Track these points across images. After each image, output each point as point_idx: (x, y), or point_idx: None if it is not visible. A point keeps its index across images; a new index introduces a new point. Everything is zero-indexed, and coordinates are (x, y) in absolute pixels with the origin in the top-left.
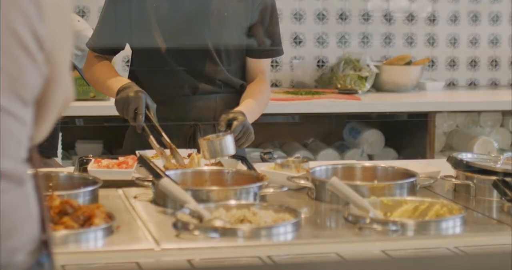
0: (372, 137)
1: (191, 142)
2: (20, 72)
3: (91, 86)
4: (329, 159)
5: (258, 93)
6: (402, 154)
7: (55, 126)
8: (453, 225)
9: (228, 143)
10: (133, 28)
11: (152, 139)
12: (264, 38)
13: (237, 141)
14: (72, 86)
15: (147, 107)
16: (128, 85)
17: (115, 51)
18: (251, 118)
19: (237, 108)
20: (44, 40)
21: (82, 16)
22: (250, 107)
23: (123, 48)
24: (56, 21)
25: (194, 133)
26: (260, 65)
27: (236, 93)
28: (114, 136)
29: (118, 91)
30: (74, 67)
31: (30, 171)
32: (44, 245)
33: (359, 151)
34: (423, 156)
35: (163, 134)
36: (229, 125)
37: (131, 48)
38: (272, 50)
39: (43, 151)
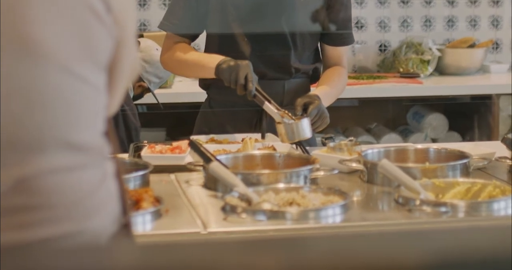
0: (436, 121)
1: (257, 127)
2: (92, 36)
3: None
4: (393, 143)
5: (335, 77)
6: (467, 137)
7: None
8: (505, 206)
9: (305, 126)
10: (208, 12)
11: (267, 104)
12: (341, 24)
13: (312, 125)
14: (137, 54)
15: None
16: (229, 58)
17: (194, 36)
18: (326, 102)
19: (312, 93)
20: (111, 1)
21: (144, 5)
22: (325, 91)
23: (201, 33)
24: None
25: (260, 119)
26: (338, 52)
27: (307, 78)
28: (177, 123)
29: (220, 63)
30: (152, 93)
31: (108, 146)
32: (125, 229)
33: (422, 135)
34: (488, 139)
35: (272, 101)
36: (305, 109)
37: (207, 32)
38: (349, 37)
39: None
